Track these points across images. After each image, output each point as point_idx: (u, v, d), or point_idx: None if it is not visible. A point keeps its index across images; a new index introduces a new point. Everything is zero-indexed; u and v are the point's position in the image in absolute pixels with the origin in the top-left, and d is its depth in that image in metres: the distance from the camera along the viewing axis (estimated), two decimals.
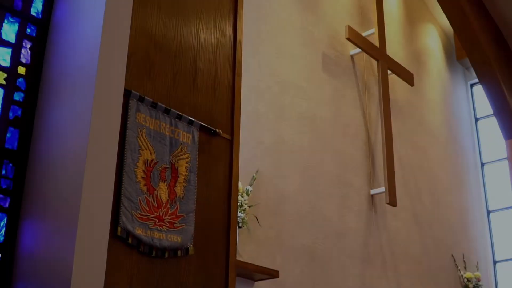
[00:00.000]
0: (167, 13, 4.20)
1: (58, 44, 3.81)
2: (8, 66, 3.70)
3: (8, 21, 3.79)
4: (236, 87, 4.60)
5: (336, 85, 7.17)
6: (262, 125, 5.97)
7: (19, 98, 3.70)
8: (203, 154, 4.17)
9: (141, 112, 3.82)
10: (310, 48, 6.90)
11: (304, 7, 6.97)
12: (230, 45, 4.67)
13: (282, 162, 6.11)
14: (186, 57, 4.26)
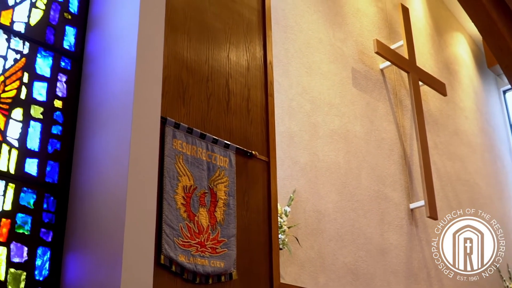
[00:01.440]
0: (197, 39, 4.22)
1: (93, 76, 3.84)
2: (45, 100, 3.74)
3: (41, 55, 3.83)
4: (270, 108, 4.59)
5: (367, 99, 7.11)
6: (296, 144, 5.92)
7: (57, 132, 3.73)
8: (241, 177, 4.15)
9: (178, 138, 3.82)
10: (339, 64, 6.86)
11: (331, 24, 6.94)
12: (261, 67, 4.67)
13: (319, 180, 6.04)
14: (219, 80, 4.26)
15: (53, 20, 3.94)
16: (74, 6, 4.08)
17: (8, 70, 3.64)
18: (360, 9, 7.51)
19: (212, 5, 4.44)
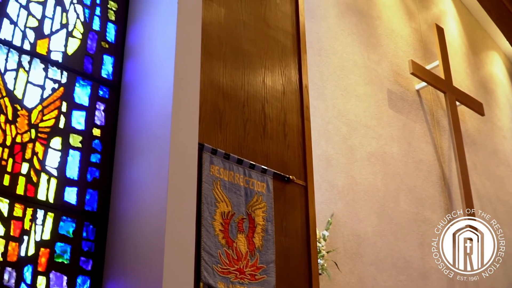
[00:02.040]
0: (233, 64, 4.22)
1: (130, 104, 3.86)
2: (83, 129, 3.77)
3: (79, 85, 3.87)
4: (306, 132, 4.55)
5: (404, 121, 7.04)
6: (333, 167, 5.88)
7: (96, 160, 3.75)
8: (279, 202, 4.12)
9: (215, 164, 3.81)
10: (375, 86, 6.81)
11: (366, 46, 6.91)
12: (297, 90, 4.65)
13: (357, 203, 5.98)
14: (255, 105, 4.25)
15: (91, 49, 3.99)
16: (111, 35, 4.12)
17: (46, 100, 3.68)
18: (394, 30, 7.47)
19: (247, 30, 4.45)
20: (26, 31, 3.74)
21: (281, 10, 4.83)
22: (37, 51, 3.74)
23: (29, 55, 3.69)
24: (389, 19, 7.49)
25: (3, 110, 3.47)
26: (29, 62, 3.68)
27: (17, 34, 3.69)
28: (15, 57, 3.64)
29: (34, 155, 3.51)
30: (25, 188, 3.42)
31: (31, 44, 3.73)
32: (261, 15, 4.64)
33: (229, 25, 4.35)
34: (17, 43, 3.67)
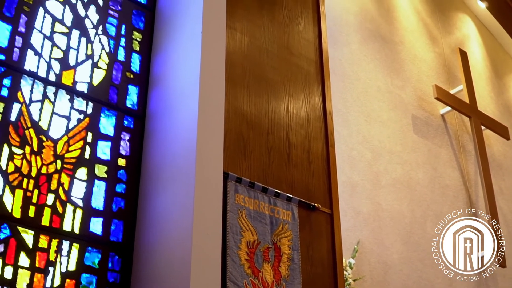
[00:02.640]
0: (257, 92, 4.22)
1: (155, 133, 3.87)
2: (109, 159, 3.77)
3: (105, 115, 3.89)
4: (331, 159, 4.52)
5: (429, 146, 6.98)
6: (358, 194, 5.83)
7: (121, 190, 3.75)
8: (304, 230, 4.07)
9: (240, 193, 3.78)
10: (399, 111, 6.77)
11: (389, 71, 6.89)
12: (321, 117, 4.63)
13: (383, 230, 5.91)
14: (279, 133, 4.24)
15: (116, 80, 4.01)
16: (135, 65, 4.15)
17: (71, 130, 3.70)
18: (417, 55, 7.45)
19: (270, 58, 4.45)
20: (51, 62, 3.78)
21: (304, 37, 4.83)
22: (63, 82, 3.77)
23: (55, 86, 3.72)
24: (412, 44, 7.47)
25: (28, 141, 3.49)
26: (55, 93, 3.71)
27: (42, 65, 3.73)
28: (41, 88, 3.67)
29: (60, 186, 3.52)
30: (50, 219, 3.42)
31: (57, 75, 3.76)
32: (284, 42, 4.65)
33: (253, 53, 4.36)
34: (42, 74, 3.70)
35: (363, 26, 6.82)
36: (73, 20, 3.97)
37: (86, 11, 4.05)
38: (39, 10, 3.83)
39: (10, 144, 3.42)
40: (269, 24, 4.60)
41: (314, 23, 5.02)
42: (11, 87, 3.54)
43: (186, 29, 4.02)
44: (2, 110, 3.45)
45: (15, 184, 3.36)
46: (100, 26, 4.08)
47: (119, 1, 4.25)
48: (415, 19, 7.76)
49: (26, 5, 3.78)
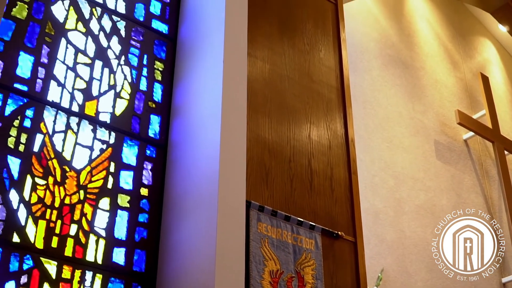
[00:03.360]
0: (278, 120, 4.21)
1: (177, 163, 3.87)
2: (131, 188, 3.77)
3: (127, 145, 3.90)
4: (354, 186, 4.48)
5: (453, 172, 6.90)
6: (381, 221, 5.77)
7: (143, 220, 3.74)
8: (328, 259, 4.03)
9: (262, 221, 3.75)
10: (421, 137, 6.72)
11: (410, 97, 6.86)
12: (343, 144, 4.60)
13: (407, 258, 5.83)
14: (301, 161, 4.21)
15: (138, 110, 4.03)
16: (158, 95, 4.17)
17: (94, 161, 3.71)
18: (438, 80, 7.41)
19: (291, 86, 4.45)
20: (74, 92, 3.80)
21: (325, 64, 4.83)
22: (86, 112, 3.79)
23: (78, 117, 3.74)
24: (433, 69, 7.44)
25: (51, 172, 3.50)
26: (78, 124, 3.73)
27: (65, 96, 3.76)
28: (64, 119, 3.69)
29: (83, 216, 3.52)
30: (73, 249, 3.42)
31: (80, 105, 3.79)
32: (305, 70, 4.65)
33: (274, 81, 4.36)
34: (65, 105, 3.73)
35: (383, 52, 6.81)
36: (96, 51, 4.01)
37: (108, 42, 4.09)
38: (61, 41, 3.87)
39: (33, 175, 3.43)
40: (290, 51, 4.61)
41: (334, 50, 5.02)
42: (34, 118, 3.56)
43: (207, 58, 4.04)
44: (25, 141, 3.47)
45: (38, 215, 3.36)
46: (122, 56, 4.11)
47: (141, 32, 4.29)
48: (436, 44, 7.74)
49: (48, 36, 3.82)
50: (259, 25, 4.47)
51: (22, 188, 3.36)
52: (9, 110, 3.49)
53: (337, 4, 5.33)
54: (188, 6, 4.50)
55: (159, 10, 4.49)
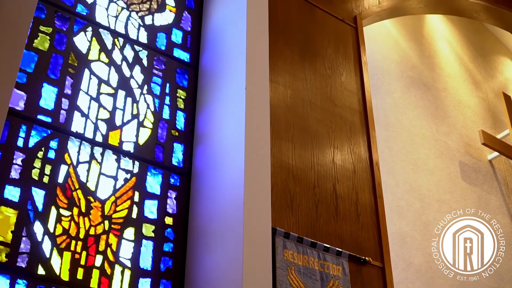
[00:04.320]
0: (302, 145, 4.18)
1: (202, 190, 3.84)
2: (156, 218, 3.75)
3: (151, 173, 3.88)
4: (380, 210, 4.43)
5: (479, 193, 6.80)
6: (408, 245, 5.68)
7: (168, 249, 3.71)
8: (356, 285, 3.96)
9: (288, 248, 3.71)
10: (446, 159, 6.64)
11: (433, 118, 6.79)
12: (367, 168, 4.56)
13: (435, 282, 5.73)
14: (326, 186, 4.17)
15: (161, 138, 4.02)
16: (180, 123, 4.16)
17: (119, 190, 3.70)
18: (461, 101, 7.34)
19: (313, 110, 4.42)
20: (98, 123, 3.81)
21: (346, 88, 4.80)
22: (109, 142, 3.79)
23: (101, 147, 3.74)
24: (456, 89, 7.38)
25: (76, 202, 3.49)
26: (102, 154, 3.73)
27: (88, 126, 3.76)
28: (88, 149, 3.69)
29: (108, 247, 3.50)
30: (99, 281, 3.39)
31: (103, 135, 3.79)
32: (327, 94, 4.62)
33: (296, 106, 4.34)
34: (89, 135, 3.73)
35: (405, 74, 6.77)
36: (119, 81, 4.02)
37: (131, 72, 4.11)
38: (84, 72, 3.89)
39: (58, 206, 3.43)
40: (311, 76, 4.59)
41: (356, 73, 5.01)
42: (58, 149, 3.57)
43: (229, 85, 4.03)
44: (50, 173, 3.48)
45: (63, 247, 3.35)
46: (145, 85, 4.12)
47: (163, 61, 4.30)
48: (457, 64, 7.69)
49: (71, 67, 3.84)
50: (280, 50, 4.46)
51: (47, 219, 3.35)
52: (33, 142, 3.50)
53: (357, 28, 5.33)
54: (209, 34, 4.52)
55: (181, 39, 4.51)
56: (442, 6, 6.83)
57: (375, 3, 5.79)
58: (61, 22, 3.93)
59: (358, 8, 5.51)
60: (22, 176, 3.37)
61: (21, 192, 3.33)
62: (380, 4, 5.84)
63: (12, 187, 3.31)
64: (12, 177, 3.34)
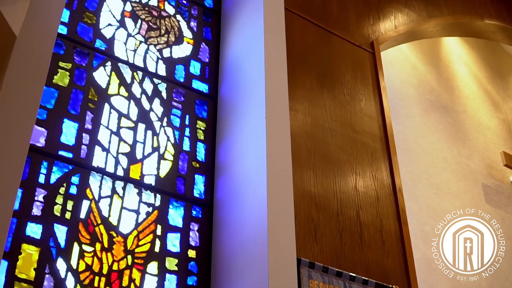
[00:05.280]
0: (323, 173, 4.14)
1: (224, 222, 3.81)
2: (179, 251, 3.71)
3: (173, 206, 3.86)
4: (405, 237, 4.36)
5: (503, 215, 6.70)
6: (434, 271, 5.58)
7: (192, 283, 3.66)
8: None
9: (314, 279, 3.65)
10: (468, 182, 6.56)
11: (454, 141, 6.73)
12: (390, 194, 4.50)
13: None
14: (349, 214, 4.12)
15: (182, 170, 4.00)
16: (201, 154, 4.14)
17: (141, 224, 3.67)
18: (481, 123, 7.28)
19: (334, 137, 4.39)
20: (119, 157, 3.80)
21: (366, 114, 4.77)
22: (131, 176, 3.77)
23: (123, 181, 3.73)
24: (475, 111, 7.32)
25: (98, 238, 3.47)
26: (123, 188, 3.71)
27: (109, 160, 3.75)
28: (109, 183, 3.68)
29: (131, 282, 3.45)
30: None
31: (124, 169, 3.77)
32: (347, 120, 4.59)
33: (316, 134, 4.31)
34: (110, 170, 3.72)
35: (423, 98, 6.73)
36: (139, 114, 4.02)
37: (150, 105, 4.10)
38: (104, 106, 3.89)
39: (81, 242, 3.40)
40: (330, 103, 4.57)
41: (375, 99, 4.98)
42: (80, 184, 3.55)
43: (249, 115, 4.02)
44: (72, 208, 3.46)
45: (87, 283, 3.31)
46: (164, 118, 4.12)
47: (182, 92, 4.30)
48: (475, 86, 7.64)
49: (91, 102, 3.84)
50: (298, 78, 4.45)
51: (70, 256, 3.32)
52: (55, 178, 3.49)
53: (375, 53, 5.31)
54: (227, 65, 4.52)
55: (199, 70, 4.51)
56: (458, 28, 6.81)
57: (392, 27, 5.78)
58: (80, 57, 3.95)
59: (375, 33, 5.50)
60: (44, 212, 3.35)
61: (43, 229, 3.30)
62: (396, 29, 5.83)
63: (34, 224, 3.29)
64: (34, 214, 3.32)
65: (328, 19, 5.12)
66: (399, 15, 5.96)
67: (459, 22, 6.73)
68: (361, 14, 5.49)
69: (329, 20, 5.12)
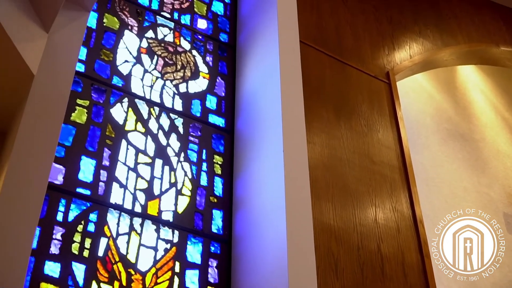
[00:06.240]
0: (342, 206, 4.10)
1: (243, 257, 3.76)
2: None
3: (191, 242, 3.82)
4: (428, 270, 4.28)
5: None
6: None
7: None
8: None
9: None
10: (489, 211, 6.45)
11: (474, 170, 6.65)
12: (411, 226, 4.44)
13: None
14: (370, 247, 4.06)
15: (200, 205, 3.97)
16: (218, 189, 4.11)
17: (159, 261, 3.63)
18: (500, 151, 7.19)
19: (352, 169, 4.35)
20: (136, 193, 3.78)
21: (384, 144, 4.73)
22: (148, 212, 3.75)
23: (141, 217, 3.70)
24: (494, 139, 7.24)
25: (117, 276, 3.43)
26: (141, 224, 3.68)
27: (127, 197, 3.73)
28: (127, 220, 3.65)
29: None
30: None
31: (142, 206, 3.75)
32: (365, 152, 4.55)
33: (334, 166, 4.27)
34: (128, 206, 3.70)
35: (441, 127, 6.67)
36: (156, 150, 4.01)
37: (167, 140, 4.10)
38: (121, 143, 3.89)
39: (99, 281, 3.36)
40: (347, 134, 4.54)
41: (392, 129, 4.94)
42: (98, 222, 3.53)
43: (266, 148, 3.99)
44: (90, 246, 3.43)
45: None
46: (181, 153, 4.10)
47: (198, 127, 4.29)
48: (492, 114, 7.57)
49: (108, 139, 3.84)
50: (315, 111, 4.43)
51: None
52: (73, 216, 3.47)
53: (390, 83, 5.29)
54: (243, 98, 4.51)
55: (215, 105, 4.51)
56: (474, 56, 6.80)
57: (407, 57, 5.77)
58: (97, 94, 3.97)
59: (390, 64, 5.48)
60: (62, 251, 3.33)
61: (61, 268, 3.28)
62: (411, 59, 5.82)
63: (52, 263, 3.27)
64: (52, 252, 3.30)
65: (343, 51, 5.12)
66: (414, 44, 5.95)
67: (475, 50, 6.72)
68: (375, 45, 5.49)
69: (344, 52, 5.12)
